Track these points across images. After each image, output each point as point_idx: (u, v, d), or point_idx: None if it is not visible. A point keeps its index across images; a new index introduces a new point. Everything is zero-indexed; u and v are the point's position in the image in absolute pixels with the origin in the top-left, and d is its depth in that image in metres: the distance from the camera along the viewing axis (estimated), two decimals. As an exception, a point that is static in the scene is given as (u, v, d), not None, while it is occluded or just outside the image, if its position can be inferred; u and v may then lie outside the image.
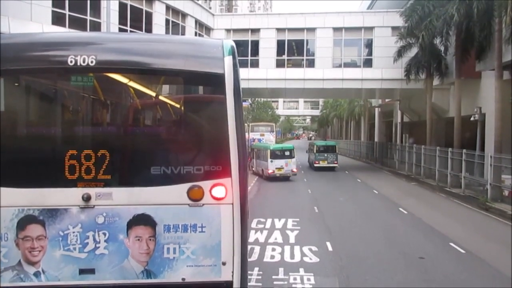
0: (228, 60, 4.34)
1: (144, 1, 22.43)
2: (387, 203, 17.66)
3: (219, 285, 4.30)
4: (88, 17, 18.89)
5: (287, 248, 10.04)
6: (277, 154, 25.16)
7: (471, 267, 9.20)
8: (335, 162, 31.58)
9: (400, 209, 15.96)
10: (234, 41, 4.95)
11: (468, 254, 10.01)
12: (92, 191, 4.17)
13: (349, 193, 20.38)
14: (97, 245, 4.18)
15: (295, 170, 25.48)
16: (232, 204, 4.31)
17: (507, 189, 16.04)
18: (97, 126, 4.61)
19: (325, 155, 31.52)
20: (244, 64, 27.64)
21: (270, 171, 24.79)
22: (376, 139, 43.10)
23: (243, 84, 5.36)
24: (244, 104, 46.45)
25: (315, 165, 31.38)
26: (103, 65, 4.24)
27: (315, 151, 32.00)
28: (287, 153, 25.46)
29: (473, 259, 9.74)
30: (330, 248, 10.16)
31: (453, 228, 12.89)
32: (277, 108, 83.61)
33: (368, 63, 29.10)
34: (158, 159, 4.37)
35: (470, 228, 13.31)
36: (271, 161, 24.85)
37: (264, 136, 36.90)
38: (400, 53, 25.87)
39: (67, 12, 17.94)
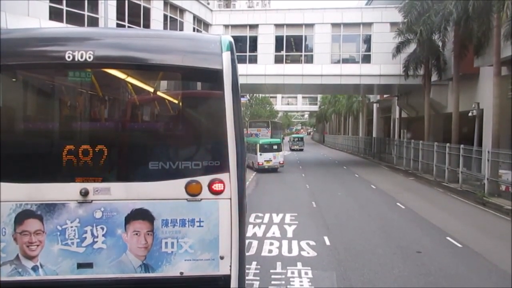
0: (226, 56, 4.35)
1: (142, -4, 22.37)
2: (385, 197, 17.72)
3: (217, 279, 4.33)
4: (86, 13, 18.81)
5: (285, 243, 10.09)
6: (265, 148, 26.90)
7: (467, 260, 9.26)
8: (302, 146, 53.83)
9: (398, 203, 16.02)
10: (233, 36, 4.94)
11: (464, 248, 10.08)
12: (90, 186, 4.19)
13: (347, 188, 20.42)
14: (95, 240, 4.20)
15: (282, 162, 27.23)
16: (230, 199, 4.34)
17: (504, 183, 16.11)
18: (95, 122, 4.61)
19: (297, 142, 54.40)
20: (242, 60, 27.60)
21: (259, 163, 26.58)
22: (374, 135, 43.15)
23: (241, 80, 5.38)
24: (242, 99, 46.85)
25: (291, 148, 52.53)
26: (101, 61, 4.24)
27: (291, 141, 55.73)
28: (275, 147, 27.19)
29: (470, 253, 9.81)
30: (327, 243, 10.21)
31: (450, 223, 12.97)
32: (275, 104, 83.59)
33: (366, 59, 29.07)
34: (156, 154, 4.39)
35: (467, 223, 13.38)
36: (260, 154, 26.70)
37: (260, 132, 41.14)
38: (398, 49, 25.86)
39: (64, 7, 17.88)
